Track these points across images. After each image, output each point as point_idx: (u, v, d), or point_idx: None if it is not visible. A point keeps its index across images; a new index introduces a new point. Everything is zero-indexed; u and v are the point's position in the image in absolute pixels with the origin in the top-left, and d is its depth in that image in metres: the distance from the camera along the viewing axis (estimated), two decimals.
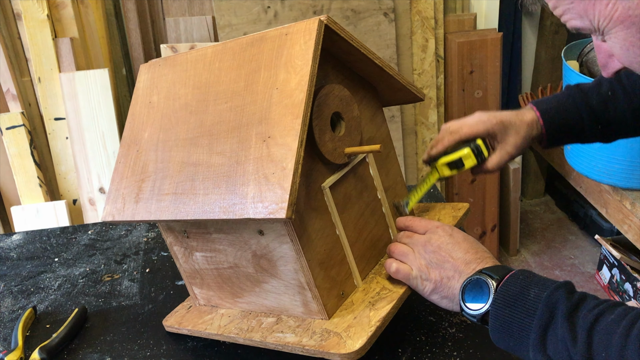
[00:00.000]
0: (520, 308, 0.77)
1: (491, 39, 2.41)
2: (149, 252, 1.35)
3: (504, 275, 0.80)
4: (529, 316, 0.76)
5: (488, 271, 0.82)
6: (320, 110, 0.88)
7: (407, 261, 0.91)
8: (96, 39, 2.34)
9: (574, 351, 0.72)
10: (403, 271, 0.90)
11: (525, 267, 2.74)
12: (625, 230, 2.16)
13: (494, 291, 0.79)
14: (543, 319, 0.75)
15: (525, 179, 3.18)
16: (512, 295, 0.78)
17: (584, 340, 0.72)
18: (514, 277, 0.79)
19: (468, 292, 0.82)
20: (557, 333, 0.74)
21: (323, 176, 0.91)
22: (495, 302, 0.79)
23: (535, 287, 0.78)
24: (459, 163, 1.11)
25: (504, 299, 0.78)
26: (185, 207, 0.89)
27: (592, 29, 0.76)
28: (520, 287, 0.78)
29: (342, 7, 2.31)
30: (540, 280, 0.79)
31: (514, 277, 0.80)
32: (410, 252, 0.91)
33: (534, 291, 0.77)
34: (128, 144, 1.03)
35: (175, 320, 1.06)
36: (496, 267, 0.83)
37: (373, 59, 0.94)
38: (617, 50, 0.76)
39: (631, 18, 0.71)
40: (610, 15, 0.72)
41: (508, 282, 0.79)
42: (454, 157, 1.11)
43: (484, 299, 0.80)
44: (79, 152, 2.25)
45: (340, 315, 0.90)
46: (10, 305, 1.20)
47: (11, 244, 1.43)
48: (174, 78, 1.01)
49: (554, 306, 0.75)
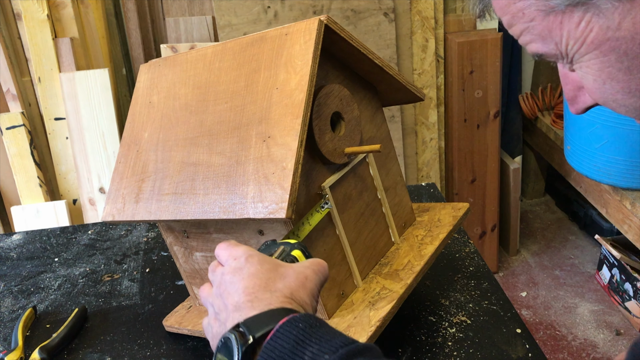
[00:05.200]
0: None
1: (491, 39, 2.41)
2: (149, 252, 1.35)
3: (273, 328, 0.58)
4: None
5: (249, 323, 0.59)
6: (320, 110, 0.88)
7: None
8: (96, 39, 2.34)
9: None
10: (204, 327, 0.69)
11: (525, 267, 2.74)
12: (625, 230, 2.16)
13: (239, 357, 0.57)
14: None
15: (525, 179, 3.18)
16: (277, 357, 0.56)
17: None
18: (290, 326, 0.57)
19: (221, 359, 0.60)
20: None
21: (323, 176, 0.91)
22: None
23: (314, 345, 0.56)
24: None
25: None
26: (185, 207, 0.89)
27: (557, 55, 0.57)
28: (294, 342, 0.56)
29: (342, 7, 2.31)
30: (325, 334, 0.57)
31: (289, 324, 0.57)
32: (209, 295, 0.69)
33: (310, 350, 0.55)
34: (128, 144, 1.03)
35: (175, 320, 1.06)
36: (269, 313, 0.60)
37: (373, 59, 0.94)
38: (589, 82, 0.58)
39: (610, 42, 0.53)
40: (583, 38, 0.54)
41: (278, 335, 0.57)
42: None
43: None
44: (79, 152, 2.25)
45: (340, 315, 0.90)
46: (10, 305, 1.20)
47: (11, 244, 1.43)
48: (174, 78, 1.01)
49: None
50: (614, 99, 0.57)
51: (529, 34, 0.58)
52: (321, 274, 0.67)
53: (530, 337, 0.98)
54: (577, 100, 0.63)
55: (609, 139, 2.10)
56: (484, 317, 1.03)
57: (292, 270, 0.66)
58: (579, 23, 0.54)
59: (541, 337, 2.33)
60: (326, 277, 0.68)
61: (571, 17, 0.54)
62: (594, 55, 0.55)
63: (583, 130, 2.20)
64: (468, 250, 1.21)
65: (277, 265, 0.66)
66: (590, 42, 0.54)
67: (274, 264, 0.66)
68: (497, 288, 1.10)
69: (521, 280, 2.67)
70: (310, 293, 0.65)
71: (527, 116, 2.82)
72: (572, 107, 0.65)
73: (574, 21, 0.54)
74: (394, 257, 1.00)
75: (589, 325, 2.37)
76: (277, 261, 0.67)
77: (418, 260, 0.97)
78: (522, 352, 0.95)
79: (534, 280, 2.65)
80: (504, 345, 0.96)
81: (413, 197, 1.46)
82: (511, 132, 2.85)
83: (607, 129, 2.09)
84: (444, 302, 1.07)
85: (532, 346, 0.96)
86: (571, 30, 0.54)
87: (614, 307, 2.44)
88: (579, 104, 0.64)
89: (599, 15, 0.53)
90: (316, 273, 0.67)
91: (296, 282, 0.64)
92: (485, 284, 1.11)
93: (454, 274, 1.14)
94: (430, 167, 2.61)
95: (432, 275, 1.14)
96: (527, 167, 3.14)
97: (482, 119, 2.52)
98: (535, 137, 2.89)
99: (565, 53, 0.57)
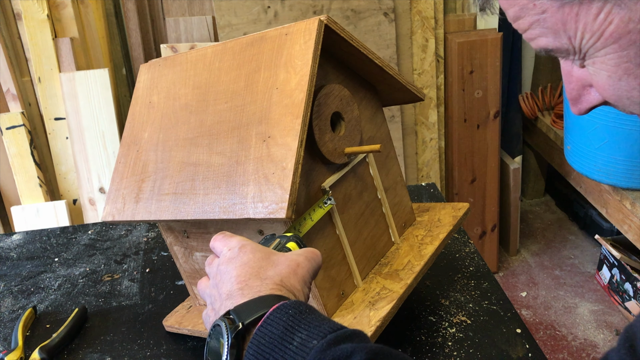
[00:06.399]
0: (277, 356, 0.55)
1: (491, 39, 2.41)
2: (149, 252, 1.35)
3: (264, 314, 0.58)
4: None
5: (238, 310, 0.60)
6: (320, 110, 0.88)
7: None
8: (96, 39, 2.34)
9: None
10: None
11: (525, 267, 2.74)
12: (625, 230, 2.16)
13: (228, 343, 0.58)
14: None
15: (525, 179, 3.18)
16: (267, 343, 0.56)
17: None
18: (280, 312, 0.58)
19: (213, 345, 0.60)
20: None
21: (323, 176, 0.91)
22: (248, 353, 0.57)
23: (302, 331, 0.56)
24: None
25: (258, 348, 0.57)
26: (185, 207, 0.89)
27: (569, 50, 0.54)
28: (284, 328, 0.56)
29: (342, 7, 2.31)
30: (313, 320, 0.57)
31: (279, 311, 0.58)
32: (206, 287, 0.70)
33: (299, 336, 0.56)
34: (128, 144, 1.03)
35: (175, 320, 1.06)
36: (258, 300, 0.60)
37: (373, 59, 0.94)
38: (602, 79, 0.54)
39: (630, 35, 0.50)
40: (601, 31, 0.51)
41: (268, 322, 0.58)
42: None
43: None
44: (79, 152, 2.25)
45: (340, 315, 0.90)
46: (10, 305, 1.20)
47: (11, 244, 1.43)
48: (174, 78, 1.01)
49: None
50: (629, 96, 0.54)
51: (539, 27, 0.54)
52: (314, 261, 0.68)
53: (530, 337, 0.98)
54: (581, 99, 0.60)
55: (609, 139, 2.10)
56: (484, 317, 1.03)
57: (284, 258, 0.66)
58: (598, 14, 0.50)
59: (541, 337, 2.33)
60: (319, 264, 0.69)
61: (589, 8, 0.50)
62: (611, 50, 0.52)
63: (583, 130, 2.20)
64: (468, 250, 1.21)
65: (269, 254, 0.67)
66: (609, 35, 0.51)
67: (266, 252, 0.67)
68: (497, 288, 1.10)
69: (521, 280, 2.67)
70: (302, 279, 0.66)
71: (527, 116, 2.82)
72: (574, 107, 0.61)
73: (592, 13, 0.50)
74: (394, 257, 1.00)
75: (589, 325, 2.37)
76: (270, 250, 0.68)
77: (418, 260, 0.97)
78: (522, 352, 0.95)
79: (534, 280, 2.65)
80: (504, 345, 0.97)
81: (413, 197, 1.46)
82: (511, 132, 2.85)
83: (607, 129, 2.09)
84: (444, 302, 1.07)
85: (532, 346, 0.96)
86: (588, 23, 0.51)
87: (614, 307, 2.44)
88: (582, 104, 0.60)
89: (620, 6, 0.49)
90: (308, 260, 0.67)
91: (287, 269, 0.65)
92: (485, 284, 1.11)
93: (454, 274, 1.14)
94: (430, 167, 2.61)
95: (432, 275, 1.14)
96: (527, 167, 3.14)
97: (482, 119, 2.52)
98: (535, 137, 2.89)
99: (578, 48, 0.53)
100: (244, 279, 0.63)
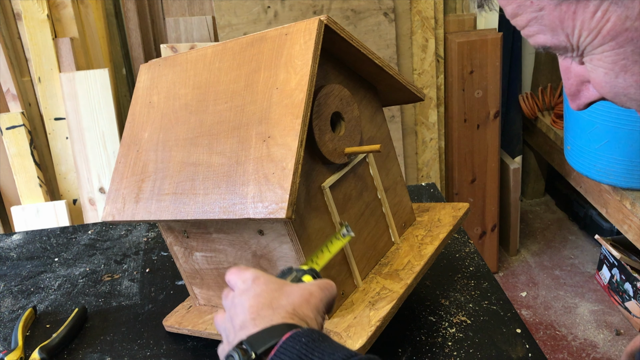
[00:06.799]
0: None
1: (491, 39, 2.41)
2: (149, 252, 1.35)
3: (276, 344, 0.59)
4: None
5: (251, 340, 0.61)
6: (320, 110, 0.88)
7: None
8: (96, 39, 2.34)
9: None
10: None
11: (525, 267, 2.74)
12: (625, 230, 2.16)
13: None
14: None
15: (525, 179, 3.18)
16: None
17: None
18: (293, 341, 0.58)
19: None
20: None
21: (323, 176, 0.91)
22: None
23: (316, 359, 0.57)
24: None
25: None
26: (185, 207, 0.89)
27: (567, 47, 0.55)
28: (297, 357, 0.57)
29: (342, 7, 2.31)
30: (327, 348, 0.58)
31: (292, 340, 0.58)
32: (222, 321, 0.70)
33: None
34: (128, 144, 1.03)
35: (175, 320, 1.06)
36: (270, 330, 0.61)
37: (373, 59, 0.94)
38: (599, 76, 0.55)
39: (628, 33, 0.50)
40: (598, 28, 0.51)
41: (281, 350, 0.58)
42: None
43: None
44: (79, 152, 2.25)
45: (340, 315, 0.90)
46: (10, 305, 1.20)
47: (11, 244, 1.43)
48: (174, 78, 1.01)
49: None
50: (625, 93, 0.54)
51: (537, 24, 0.54)
52: (327, 290, 0.68)
53: (530, 337, 0.98)
54: (580, 95, 0.60)
55: (609, 139, 2.10)
56: (484, 317, 1.03)
57: (297, 288, 0.67)
58: (595, 12, 0.51)
59: (541, 337, 2.33)
60: (333, 294, 0.69)
61: (586, 6, 0.51)
62: (608, 47, 0.52)
63: (583, 130, 2.20)
64: (468, 250, 1.21)
65: (282, 285, 0.67)
66: (606, 33, 0.51)
67: (280, 283, 0.67)
68: (497, 288, 1.10)
69: (521, 280, 2.67)
70: (315, 308, 0.66)
71: (527, 116, 2.83)
72: (573, 102, 0.61)
73: (590, 10, 0.51)
74: (394, 257, 1.00)
75: (589, 325, 2.37)
76: (283, 281, 0.69)
77: (418, 260, 0.97)
78: (522, 352, 0.95)
79: (534, 280, 2.65)
80: (504, 345, 0.97)
81: (413, 197, 1.46)
82: (511, 132, 2.85)
83: (607, 129, 2.09)
84: (444, 302, 1.07)
85: (532, 346, 0.96)
86: (585, 21, 0.51)
87: (614, 307, 2.44)
88: (581, 99, 0.61)
89: (617, 4, 0.50)
90: (322, 289, 0.67)
91: (300, 298, 0.65)
92: (485, 284, 1.11)
93: (454, 274, 1.14)
94: (430, 167, 2.61)
95: (432, 275, 1.14)
96: (527, 167, 3.14)
97: (482, 119, 2.52)
98: (535, 137, 2.89)
99: (576, 45, 0.54)
100: (257, 309, 0.64)
